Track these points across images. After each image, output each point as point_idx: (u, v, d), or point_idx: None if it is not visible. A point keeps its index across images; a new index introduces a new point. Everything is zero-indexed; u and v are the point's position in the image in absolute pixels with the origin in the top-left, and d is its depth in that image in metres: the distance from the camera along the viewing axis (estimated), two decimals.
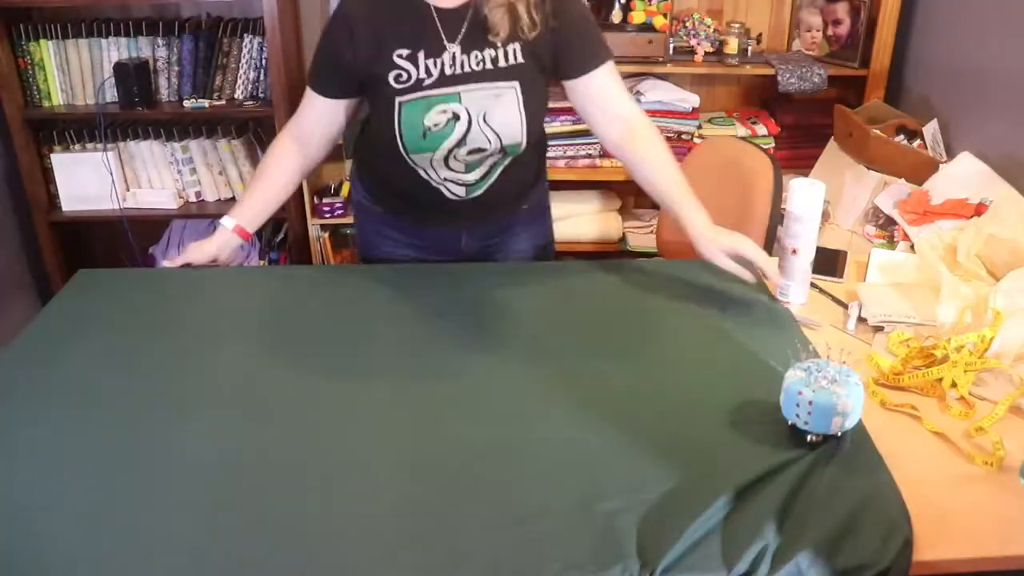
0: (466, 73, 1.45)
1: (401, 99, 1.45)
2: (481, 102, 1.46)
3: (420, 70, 1.44)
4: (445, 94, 1.45)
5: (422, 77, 1.44)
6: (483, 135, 1.47)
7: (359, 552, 0.95)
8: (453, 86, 1.45)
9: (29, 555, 0.94)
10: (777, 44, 2.91)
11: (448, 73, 1.44)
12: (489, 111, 1.46)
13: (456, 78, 1.45)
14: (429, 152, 1.48)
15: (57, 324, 1.43)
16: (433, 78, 1.44)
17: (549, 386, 1.25)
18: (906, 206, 2.08)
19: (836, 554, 0.93)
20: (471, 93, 1.45)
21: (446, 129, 1.46)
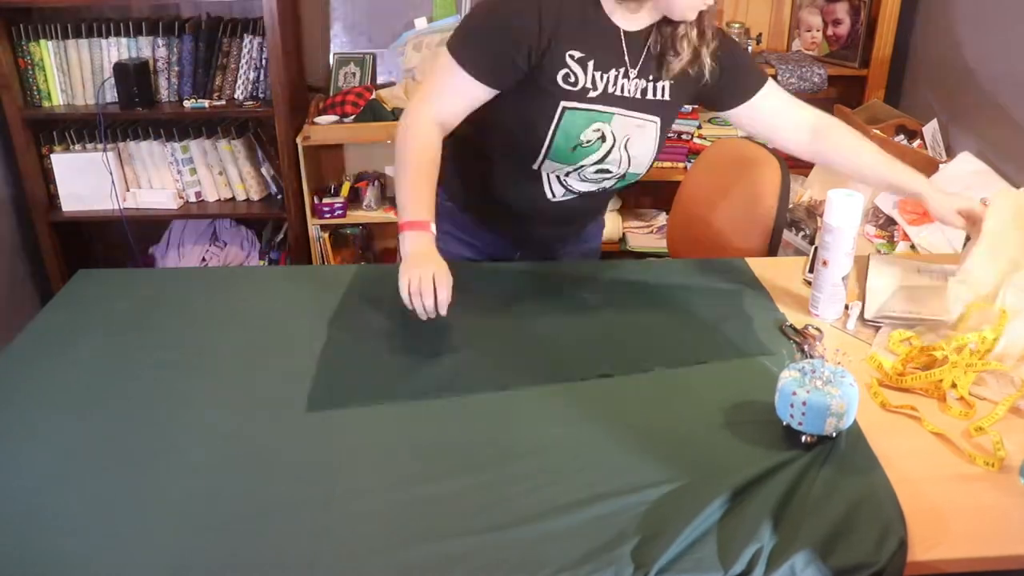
0: (623, 97, 1.43)
1: (567, 104, 1.39)
2: (626, 128, 1.45)
3: (588, 78, 1.40)
4: (602, 112, 1.42)
5: (588, 87, 1.40)
6: (619, 158, 1.47)
7: (355, 552, 0.95)
8: (610, 106, 1.42)
9: (28, 554, 0.95)
10: (777, 44, 2.91)
11: (610, 91, 1.42)
12: (631, 139, 1.46)
13: (614, 99, 1.42)
14: (567, 164, 1.46)
15: (57, 324, 1.43)
16: (598, 92, 1.41)
17: (544, 387, 1.25)
18: (906, 206, 2.08)
19: (831, 555, 0.93)
20: (622, 118, 1.44)
21: (593, 147, 1.44)
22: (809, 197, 2.52)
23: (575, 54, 1.38)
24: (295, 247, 2.85)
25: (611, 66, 1.41)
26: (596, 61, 1.39)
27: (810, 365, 1.11)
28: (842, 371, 1.10)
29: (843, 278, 1.42)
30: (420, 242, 1.34)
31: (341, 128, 2.69)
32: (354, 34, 2.91)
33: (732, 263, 1.65)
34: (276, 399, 1.22)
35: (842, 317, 1.44)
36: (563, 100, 1.39)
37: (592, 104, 1.41)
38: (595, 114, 1.41)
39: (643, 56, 1.42)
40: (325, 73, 2.94)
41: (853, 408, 1.09)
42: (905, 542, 0.95)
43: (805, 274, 1.59)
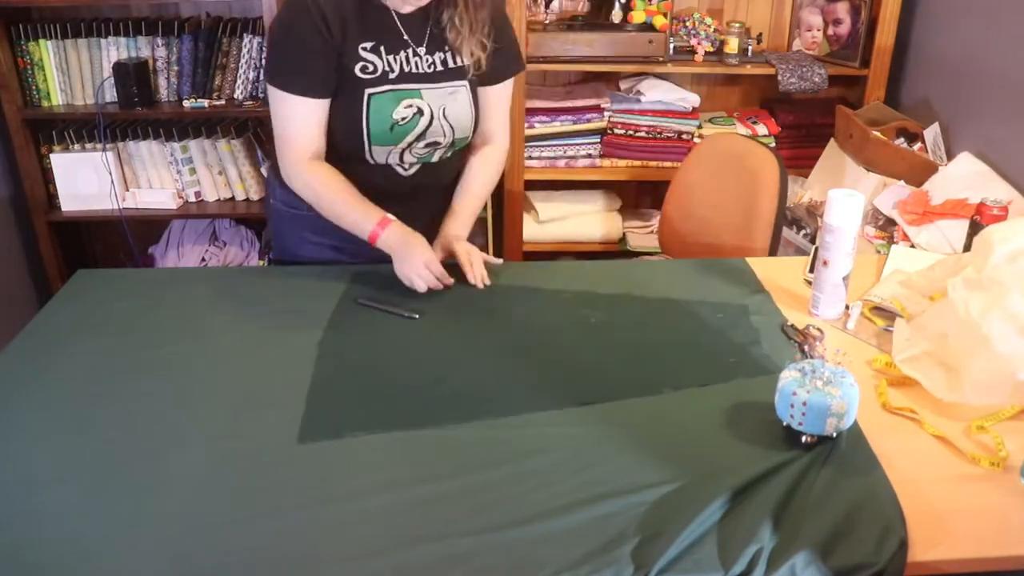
0: (423, 73, 1.52)
1: (371, 91, 1.48)
2: (440, 99, 1.53)
3: (384, 63, 1.49)
4: (408, 89, 1.51)
5: (387, 70, 1.49)
6: (441, 129, 1.55)
7: (355, 552, 0.95)
8: (413, 83, 1.51)
9: (28, 554, 0.94)
10: (777, 44, 2.91)
11: (407, 70, 1.51)
12: (447, 107, 1.54)
13: (415, 76, 1.51)
14: (391, 145, 1.53)
15: (56, 324, 1.43)
16: (396, 73, 1.50)
17: (543, 388, 1.24)
18: (906, 207, 2.08)
19: (831, 555, 0.93)
20: (431, 91, 1.52)
21: (411, 123, 1.51)
22: (809, 198, 2.52)
23: (366, 45, 1.48)
24: None
25: (400, 48, 1.51)
26: (386, 46, 1.49)
27: (810, 365, 1.11)
28: (842, 371, 1.10)
29: (843, 278, 1.41)
30: (394, 235, 1.50)
31: None
32: None
33: (733, 263, 1.65)
34: (276, 399, 1.22)
35: (842, 317, 1.44)
36: (367, 88, 1.48)
37: (395, 84, 1.50)
38: (401, 92, 1.50)
39: (427, 34, 1.52)
40: None
41: (853, 408, 1.09)
42: (905, 542, 0.95)
43: (805, 274, 1.59)
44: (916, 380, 1.23)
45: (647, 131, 2.72)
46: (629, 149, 2.75)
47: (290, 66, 1.47)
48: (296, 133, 1.51)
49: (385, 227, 1.49)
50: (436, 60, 1.53)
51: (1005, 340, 1.15)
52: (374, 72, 1.48)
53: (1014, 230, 1.25)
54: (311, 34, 1.44)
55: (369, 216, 1.50)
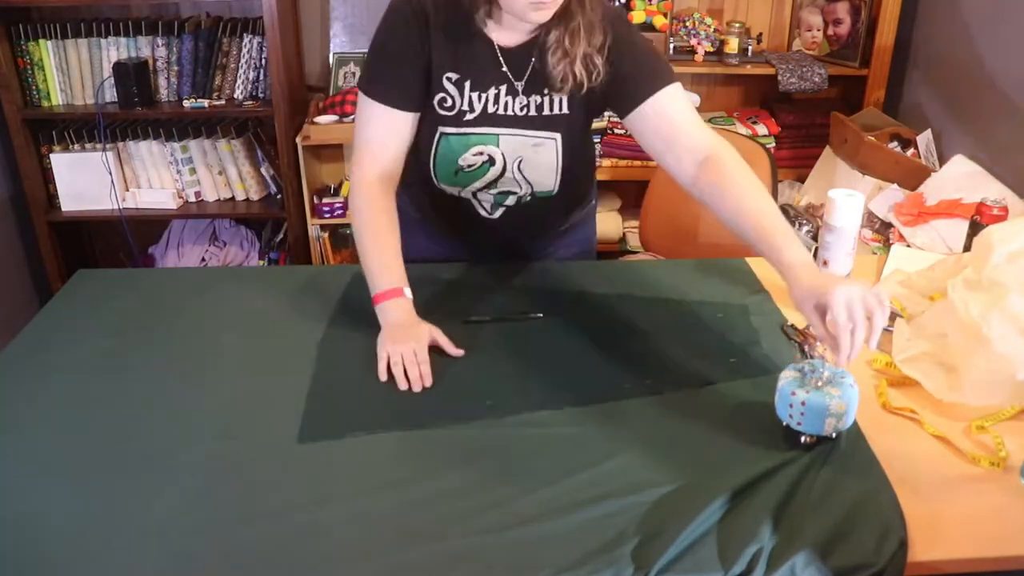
0: (509, 116, 1.37)
1: (444, 129, 1.37)
2: (519, 150, 1.39)
3: (463, 100, 1.35)
4: (483, 134, 1.37)
5: (464, 109, 1.36)
6: (515, 181, 1.42)
7: (355, 552, 0.95)
8: (492, 127, 1.37)
9: (27, 554, 0.94)
10: (777, 44, 2.91)
11: (490, 111, 1.36)
12: (525, 160, 1.40)
13: (497, 119, 1.37)
14: (463, 187, 1.45)
15: (57, 324, 1.43)
16: (475, 114, 1.36)
17: (543, 388, 1.24)
18: (901, 208, 2.09)
19: (831, 555, 0.93)
20: (511, 138, 1.38)
21: (479, 171, 1.40)
22: (807, 202, 2.53)
23: (451, 76, 1.34)
24: (295, 247, 2.84)
25: (491, 84, 1.35)
26: (473, 81, 1.34)
27: (810, 365, 1.11)
28: (842, 371, 1.10)
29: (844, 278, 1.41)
30: (398, 312, 1.31)
31: (341, 128, 2.69)
32: (354, 34, 2.91)
33: (733, 263, 1.65)
34: (276, 399, 1.22)
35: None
36: (440, 126, 1.37)
37: (470, 127, 1.36)
38: (473, 137, 1.37)
39: (528, 71, 1.34)
40: (325, 73, 2.93)
41: (853, 409, 1.09)
42: (905, 543, 0.95)
43: None
44: (916, 380, 1.23)
45: None
46: (629, 149, 2.75)
47: (376, 71, 1.35)
48: (367, 141, 1.36)
49: (390, 297, 1.31)
50: (531, 103, 1.36)
51: (1005, 340, 1.15)
52: (451, 108, 1.35)
53: (1014, 230, 1.25)
54: (403, 43, 1.32)
55: (385, 275, 1.33)
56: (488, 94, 1.35)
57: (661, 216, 2.23)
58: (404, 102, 1.35)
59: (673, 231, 2.18)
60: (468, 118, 1.36)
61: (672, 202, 2.19)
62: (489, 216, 1.52)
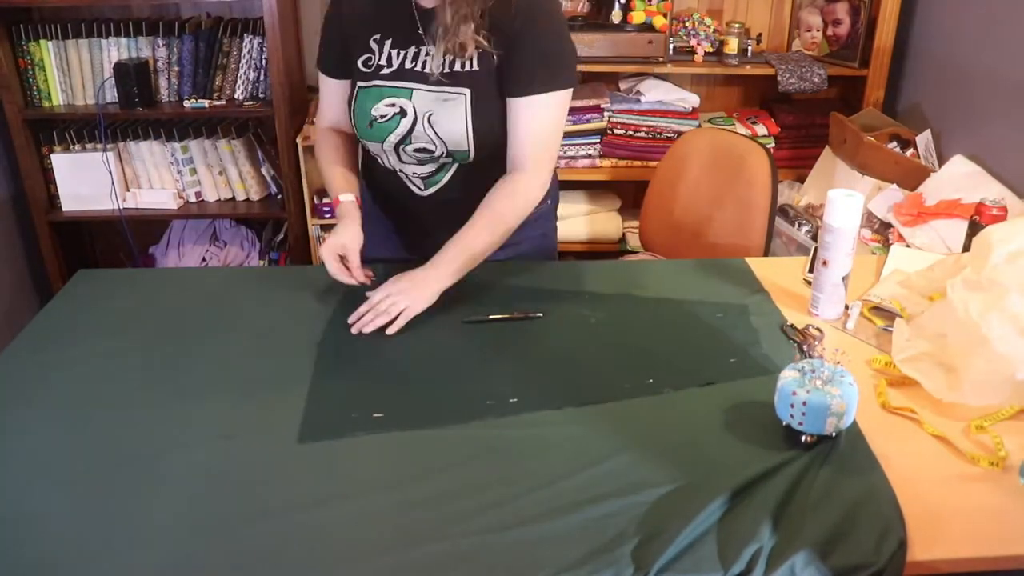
0: (423, 73, 1.45)
1: (361, 84, 1.50)
2: (429, 104, 1.45)
3: (382, 57, 1.48)
4: (397, 87, 1.47)
5: (381, 64, 1.48)
6: (427, 136, 1.46)
7: (354, 552, 0.95)
8: (406, 81, 1.46)
9: (27, 554, 0.95)
10: (777, 44, 2.91)
11: (407, 67, 1.46)
12: (435, 113, 1.45)
13: (411, 74, 1.46)
14: (377, 142, 1.52)
15: (57, 324, 1.43)
16: (391, 68, 1.47)
17: (543, 388, 1.25)
18: (901, 208, 2.09)
19: (831, 555, 0.93)
20: (422, 93, 1.45)
21: (391, 123, 1.48)
22: (806, 203, 2.53)
23: (376, 36, 1.48)
24: (295, 247, 2.85)
25: (410, 43, 1.46)
26: (394, 39, 1.47)
27: (810, 365, 1.11)
28: (842, 371, 1.10)
29: (843, 278, 1.42)
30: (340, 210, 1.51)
31: None
32: None
33: (732, 263, 1.65)
34: (276, 399, 1.22)
35: (842, 317, 1.44)
36: (359, 81, 1.50)
37: (385, 80, 1.47)
38: (387, 89, 1.47)
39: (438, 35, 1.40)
40: None
41: (853, 408, 1.09)
42: (905, 542, 0.95)
43: (805, 274, 1.59)
44: (916, 380, 1.23)
45: (647, 131, 2.72)
46: (629, 149, 2.75)
47: (323, 44, 1.56)
48: (323, 107, 1.61)
49: (337, 204, 1.53)
50: (445, 61, 1.42)
51: (1004, 340, 1.16)
52: (370, 64, 1.49)
53: (1013, 231, 1.25)
54: (332, 14, 1.52)
55: (335, 188, 1.54)
56: (408, 51, 1.46)
57: (661, 216, 2.23)
58: (341, 71, 1.54)
59: (673, 231, 2.19)
60: (384, 72, 1.48)
61: (672, 202, 2.19)
62: (421, 193, 1.58)
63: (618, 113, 2.71)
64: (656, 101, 2.70)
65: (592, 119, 2.72)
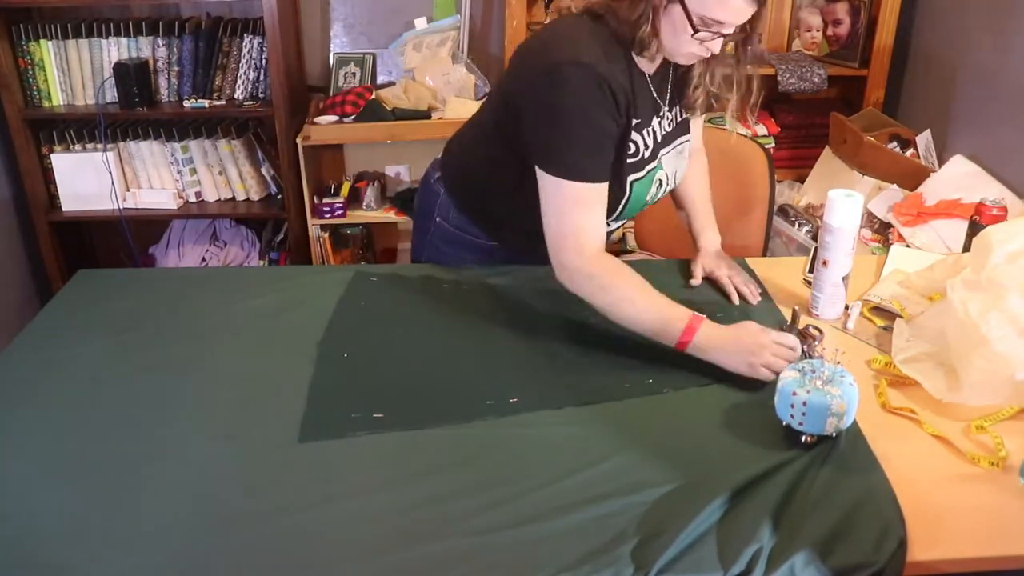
0: (664, 135, 1.43)
1: (632, 177, 1.37)
2: (675, 162, 1.47)
3: (643, 141, 1.37)
4: (657, 163, 1.42)
5: (641, 149, 1.37)
6: (669, 186, 1.51)
7: (354, 552, 0.95)
8: (663, 148, 1.43)
9: (27, 554, 0.95)
10: (777, 44, 2.91)
11: (659, 139, 1.41)
12: (679, 169, 1.50)
13: (658, 145, 1.42)
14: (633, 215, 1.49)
15: (57, 324, 1.43)
16: (649, 149, 1.38)
17: (543, 388, 1.25)
18: (901, 208, 2.09)
19: (831, 555, 0.93)
20: (667, 156, 1.45)
21: (658, 195, 1.48)
22: (806, 203, 2.53)
23: (636, 122, 1.33)
24: (295, 247, 2.84)
25: (652, 116, 1.38)
26: (642, 119, 1.35)
27: (810, 365, 1.11)
28: (842, 371, 1.10)
29: (843, 278, 1.42)
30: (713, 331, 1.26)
31: (341, 128, 2.69)
32: (354, 34, 2.91)
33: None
34: (276, 398, 1.22)
35: (842, 317, 1.44)
36: (629, 175, 1.37)
37: (648, 164, 1.40)
38: (654, 171, 1.43)
39: (668, 93, 1.42)
40: (325, 73, 2.93)
41: (853, 408, 1.09)
42: (904, 542, 0.95)
43: (805, 274, 1.59)
44: (916, 380, 1.23)
45: None
46: None
47: (584, 150, 1.27)
48: (588, 229, 1.30)
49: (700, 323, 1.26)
50: (676, 116, 1.43)
51: (1004, 341, 1.16)
52: (636, 155, 1.35)
53: (1013, 231, 1.25)
54: (608, 115, 1.27)
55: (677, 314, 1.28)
56: (652, 126, 1.39)
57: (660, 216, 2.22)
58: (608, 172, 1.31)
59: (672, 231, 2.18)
60: (646, 155, 1.39)
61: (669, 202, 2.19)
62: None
63: None
64: None
65: None
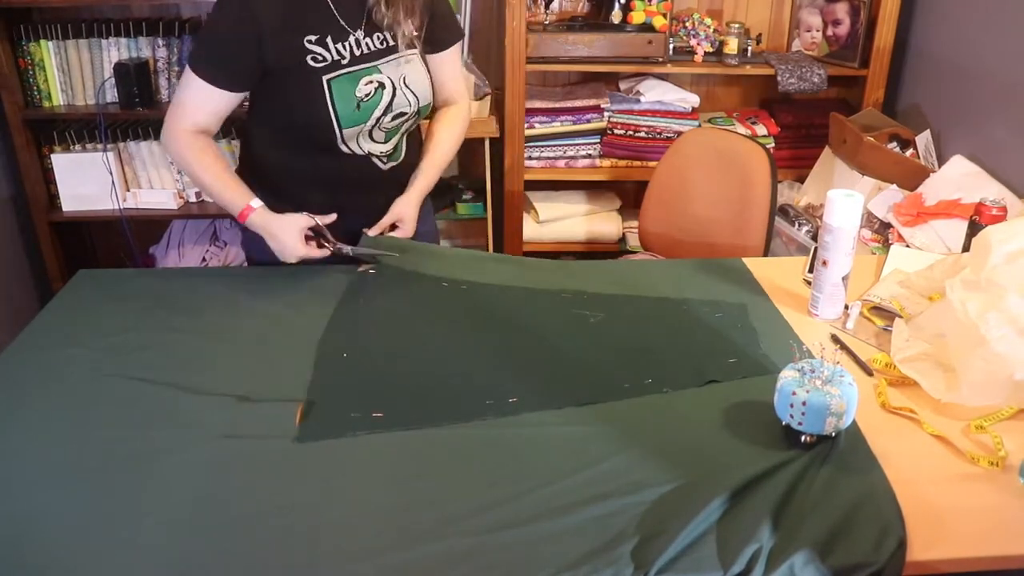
0: (375, 51, 1.55)
1: (327, 77, 1.50)
2: (398, 69, 1.57)
3: (333, 53, 1.50)
4: (365, 68, 1.53)
5: (337, 58, 1.51)
6: (405, 98, 1.58)
7: (354, 552, 0.95)
8: (370, 62, 1.54)
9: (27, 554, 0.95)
10: (777, 44, 2.91)
11: (358, 54, 1.53)
12: (407, 75, 1.58)
13: (368, 56, 1.54)
14: (361, 124, 1.54)
15: (57, 324, 1.43)
16: (347, 59, 1.52)
17: (543, 388, 1.25)
18: (900, 208, 2.09)
19: (830, 555, 0.93)
20: (387, 64, 1.56)
21: (375, 98, 1.54)
22: (806, 203, 2.53)
23: (311, 38, 1.49)
24: None
25: (344, 36, 1.51)
26: (332, 36, 1.50)
27: (809, 365, 1.11)
28: (841, 370, 1.11)
29: (843, 278, 1.42)
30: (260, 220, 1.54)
31: None
32: None
33: (732, 263, 1.66)
34: (276, 398, 1.22)
35: (842, 317, 1.45)
36: (323, 75, 1.50)
37: (348, 68, 1.52)
38: (359, 72, 1.53)
39: (364, 18, 1.53)
40: None
41: (853, 407, 1.09)
42: (904, 542, 0.95)
43: (805, 274, 1.59)
44: (915, 380, 1.23)
45: (647, 131, 2.72)
46: (629, 149, 2.75)
47: (211, 53, 1.49)
48: (194, 109, 1.52)
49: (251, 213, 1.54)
50: (376, 42, 1.55)
51: (1003, 341, 1.16)
52: (325, 61, 1.49)
53: (1013, 231, 1.26)
54: (238, 24, 1.45)
55: (237, 198, 1.54)
56: (347, 43, 1.52)
57: (660, 216, 2.23)
58: (234, 84, 1.51)
59: (673, 231, 2.19)
60: (344, 63, 1.51)
61: (672, 202, 2.20)
62: (383, 168, 1.64)
63: (618, 113, 2.71)
64: (656, 101, 2.70)
65: (592, 119, 2.72)
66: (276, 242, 1.54)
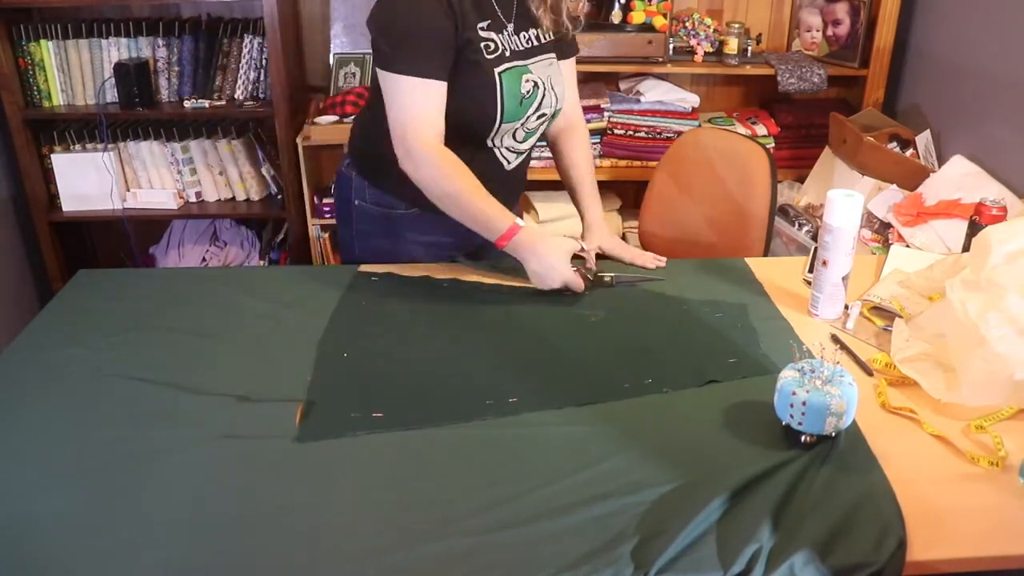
0: (525, 49, 1.54)
1: (498, 69, 1.48)
2: (546, 71, 1.57)
3: (499, 42, 1.49)
4: (524, 65, 1.52)
5: (502, 48, 1.50)
6: (550, 100, 1.58)
7: (354, 552, 0.95)
8: (524, 59, 1.53)
9: (27, 554, 0.95)
10: (777, 44, 2.91)
11: (515, 49, 1.52)
12: (553, 77, 1.59)
13: (523, 53, 1.54)
14: (517, 120, 1.54)
15: (57, 324, 1.43)
16: (510, 51, 1.51)
17: (543, 388, 1.25)
18: (900, 208, 2.09)
19: (830, 555, 0.93)
20: (536, 64, 1.55)
21: (533, 95, 1.54)
22: (806, 203, 2.53)
23: (483, 24, 1.47)
24: (295, 247, 2.85)
25: (501, 27, 1.51)
26: (494, 25, 1.49)
27: (809, 365, 1.11)
28: (841, 370, 1.10)
29: (843, 278, 1.42)
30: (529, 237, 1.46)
31: (341, 128, 2.69)
32: (354, 34, 2.91)
33: (732, 263, 1.66)
34: (276, 398, 1.22)
35: (842, 317, 1.45)
36: (495, 67, 1.48)
37: (512, 62, 1.51)
38: (519, 68, 1.52)
39: (514, 12, 1.52)
40: (325, 73, 2.94)
41: (852, 407, 1.09)
42: (904, 542, 0.95)
43: (805, 274, 1.59)
44: (915, 380, 1.23)
45: (647, 131, 2.73)
46: (629, 149, 2.75)
47: (417, 50, 1.41)
48: (425, 118, 1.43)
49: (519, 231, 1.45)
50: (523, 40, 1.53)
51: (1003, 341, 1.16)
52: (496, 51, 1.48)
53: (1013, 231, 1.25)
54: (440, 17, 1.41)
55: (503, 217, 1.46)
56: (504, 35, 1.51)
57: (661, 216, 2.23)
58: (444, 73, 1.44)
59: (673, 231, 2.19)
60: (507, 55, 1.50)
61: (672, 202, 2.19)
62: (508, 167, 1.63)
63: (618, 113, 2.72)
64: (656, 101, 2.70)
65: (592, 119, 2.72)
66: (541, 263, 1.46)
